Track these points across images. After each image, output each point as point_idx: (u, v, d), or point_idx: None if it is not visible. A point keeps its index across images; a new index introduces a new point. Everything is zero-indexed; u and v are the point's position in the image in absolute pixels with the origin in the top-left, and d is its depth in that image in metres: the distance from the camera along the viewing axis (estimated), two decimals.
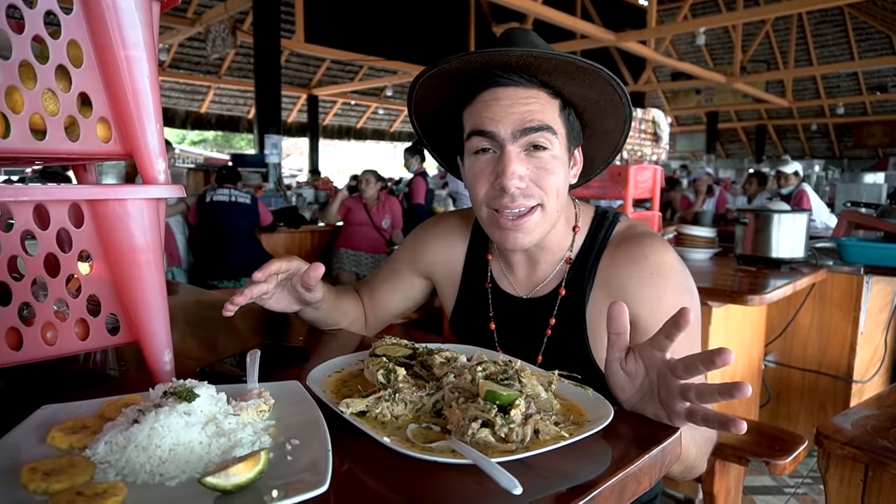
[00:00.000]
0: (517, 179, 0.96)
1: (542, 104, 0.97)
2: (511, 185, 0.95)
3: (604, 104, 1.02)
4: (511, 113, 0.95)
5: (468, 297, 1.21)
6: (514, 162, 0.95)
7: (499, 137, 0.96)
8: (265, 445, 0.62)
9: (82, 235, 0.79)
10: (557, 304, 1.09)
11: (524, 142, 0.96)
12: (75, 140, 0.78)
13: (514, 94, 0.96)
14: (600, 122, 1.07)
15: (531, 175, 0.97)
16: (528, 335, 1.11)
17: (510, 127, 0.95)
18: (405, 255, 1.30)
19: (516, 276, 1.15)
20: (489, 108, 0.97)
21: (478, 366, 0.74)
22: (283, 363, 0.95)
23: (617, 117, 1.05)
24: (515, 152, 0.96)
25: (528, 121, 0.95)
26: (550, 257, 1.11)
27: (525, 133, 0.95)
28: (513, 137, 0.96)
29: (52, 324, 0.79)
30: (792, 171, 5.53)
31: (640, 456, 0.66)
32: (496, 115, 0.96)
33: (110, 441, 0.58)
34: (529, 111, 0.95)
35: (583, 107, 1.03)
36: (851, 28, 15.31)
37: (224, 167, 5.25)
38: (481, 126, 0.97)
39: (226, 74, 14.32)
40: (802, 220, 2.64)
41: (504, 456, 0.60)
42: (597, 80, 0.97)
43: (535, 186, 0.98)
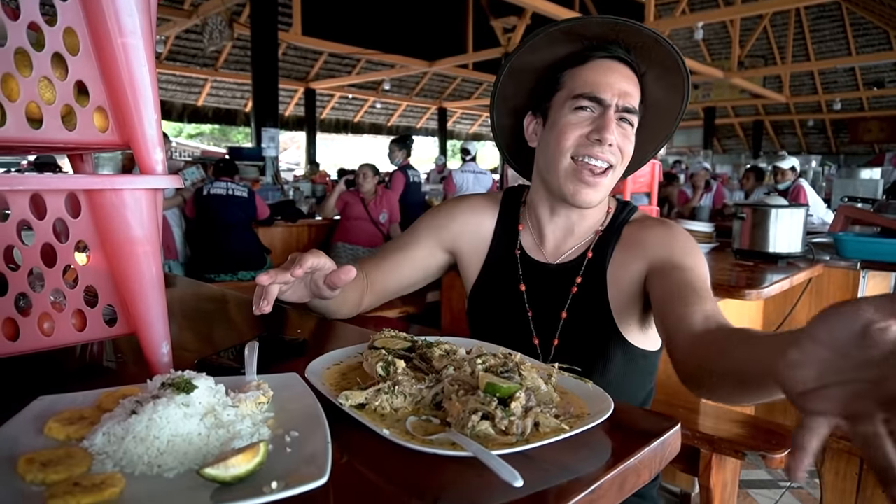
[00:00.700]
0: (613, 136, 1.08)
1: (636, 91, 1.12)
2: (609, 138, 1.07)
3: (664, 113, 1.21)
4: (620, 87, 1.08)
5: (496, 265, 1.27)
6: (614, 121, 1.09)
7: (606, 103, 1.08)
8: (264, 437, 0.61)
9: (79, 226, 0.78)
10: (584, 265, 1.18)
11: (620, 114, 1.09)
12: (72, 129, 0.77)
13: (625, 72, 1.10)
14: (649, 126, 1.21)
15: (618, 139, 1.10)
16: (554, 294, 1.19)
17: (617, 99, 1.08)
18: (429, 226, 1.32)
19: (547, 247, 1.23)
20: (604, 75, 1.09)
21: (477, 358, 0.74)
22: (282, 355, 0.95)
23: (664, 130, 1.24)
24: (615, 117, 1.09)
25: (629, 99, 1.09)
26: (585, 227, 1.21)
27: (626, 110, 1.09)
28: (616, 108, 1.08)
29: (49, 314, 0.78)
30: (789, 166, 5.54)
31: (641, 448, 0.66)
32: (609, 84, 1.08)
33: (108, 432, 0.57)
34: (630, 92, 1.10)
35: (647, 106, 1.18)
36: (849, 23, 15.31)
37: (221, 160, 5.23)
38: (594, 91, 1.08)
39: (223, 67, 14.25)
40: (800, 215, 2.64)
41: (504, 448, 0.60)
42: (676, 87, 1.16)
43: (618, 149, 1.10)
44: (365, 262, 1.30)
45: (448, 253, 1.31)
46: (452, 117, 21.64)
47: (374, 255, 1.32)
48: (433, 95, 19.18)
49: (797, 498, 2.66)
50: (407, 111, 20.23)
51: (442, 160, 11.56)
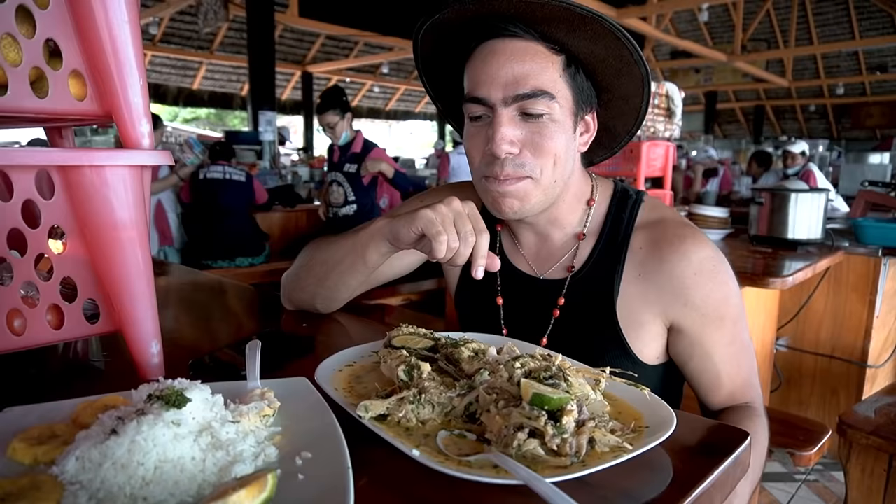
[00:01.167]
0: (507, 144, 0.88)
1: (540, 62, 0.88)
2: (501, 151, 0.87)
3: (614, 62, 0.91)
4: (504, 73, 0.87)
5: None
6: (504, 126, 0.88)
7: (490, 102, 0.89)
8: (271, 460, 0.52)
9: (53, 208, 0.68)
10: (567, 283, 1.01)
11: (517, 107, 0.88)
12: (43, 96, 0.66)
13: (510, 48, 0.88)
14: (615, 85, 0.96)
15: (525, 139, 0.89)
16: (535, 314, 1.03)
17: (501, 91, 0.87)
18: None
19: (527, 252, 1.07)
20: (482, 66, 0.89)
21: (515, 361, 0.64)
22: (287, 354, 0.85)
23: (633, 79, 0.94)
24: (508, 116, 0.88)
25: (521, 85, 0.87)
26: (562, 233, 1.03)
27: (518, 99, 0.87)
28: (504, 102, 0.88)
29: (20, 311, 0.68)
30: (799, 150, 5.42)
31: (712, 469, 0.56)
32: (489, 76, 0.88)
33: (82, 456, 0.47)
34: (524, 73, 0.87)
35: (592, 65, 0.92)
36: (853, 6, 15.07)
37: (218, 143, 5.08)
38: (473, 91, 0.90)
39: (218, 50, 14.00)
40: (821, 200, 2.55)
41: (558, 474, 0.50)
42: (601, 33, 0.87)
43: (528, 153, 0.89)
44: None
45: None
46: None
47: None
48: None
49: (813, 491, 2.59)
50: (405, 95, 20.00)
51: (441, 145, 11.43)
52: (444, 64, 1.00)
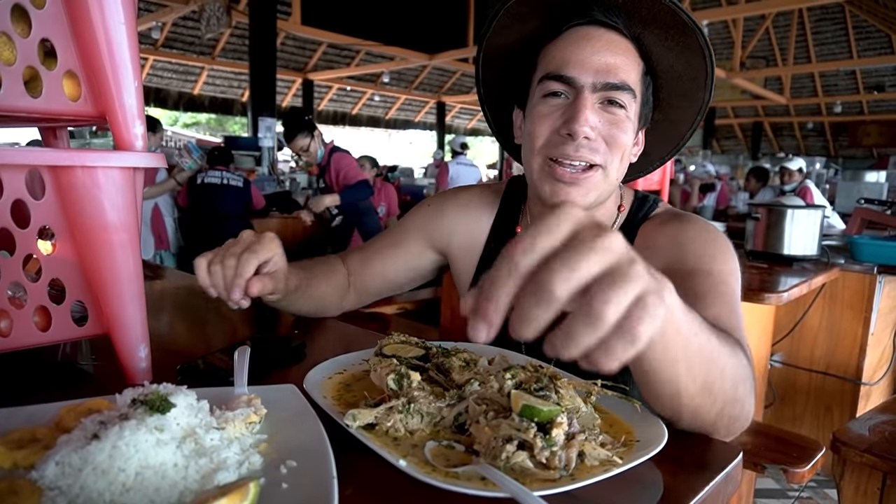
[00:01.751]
0: (588, 128, 0.86)
1: (629, 60, 0.88)
2: (581, 132, 0.86)
3: (687, 82, 0.93)
4: (597, 60, 0.86)
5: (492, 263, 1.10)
6: (588, 109, 0.86)
7: (577, 84, 0.87)
8: (255, 468, 0.51)
9: (43, 209, 0.67)
10: None
11: (602, 95, 0.87)
12: (37, 96, 0.66)
13: (605, 38, 0.87)
14: (674, 106, 0.97)
15: (602, 129, 0.88)
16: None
17: (592, 76, 0.86)
18: (417, 223, 1.17)
19: None
20: (576, 48, 0.87)
21: (506, 372, 0.63)
22: (276, 361, 0.84)
23: (693, 104, 0.96)
24: (592, 101, 0.87)
25: (612, 75, 0.86)
26: None
27: (606, 88, 0.86)
28: (593, 87, 0.86)
29: (7, 312, 0.67)
30: (796, 167, 5.44)
31: (703, 485, 0.56)
32: (581, 59, 0.87)
33: (62, 461, 0.46)
34: (616, 64, 0.86)
35: (664, 80, 0.94)
36: (851, 26, 15.22)
37: (216, 148, 5.08)
38: (562, 69, 0.88)
39: (220, 55, 14.04)
40: (817, 216, 2.55)
41: (547, 487, 0.49)
42: (690, 48, 0.88)
43: (603, 142, 0.88)
44: (349, 259, 1.17)
45: (439, 253, 1.17)
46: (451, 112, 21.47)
47: (360, 250, 1.19)
48: (432, 89, 19.01)
49: None
50: (405, 104, 20.06)
51: (440, 154, 11.45)
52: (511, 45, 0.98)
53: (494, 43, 0.99)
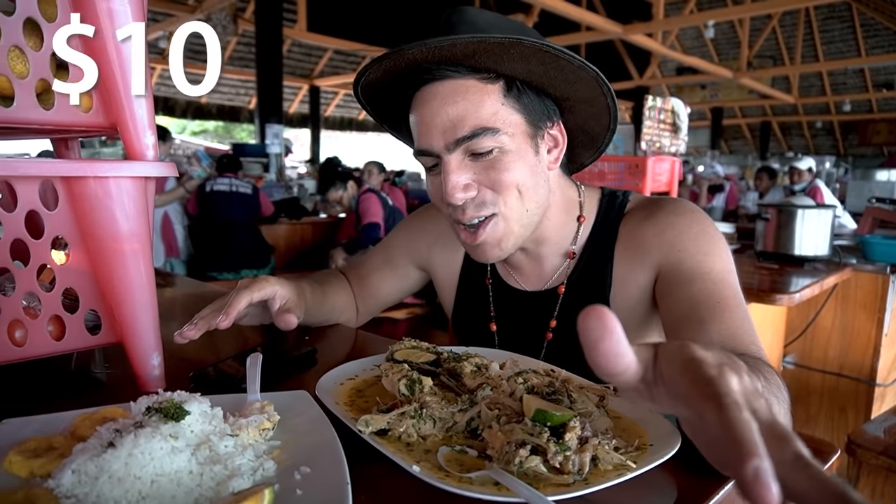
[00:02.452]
0: (461, 191, 0.84)
1: (474, 98, 0.82)
2: (456, 199, 0.84)
3: (556, 73, 0.84)
4: (440, 121, 0.83)
5: (468, 295, 1.10)
6: (452, 173, 0.83)
7: (434, 152, 0.85)
8: (269, 475, 0.51)
9: (56, 219, 0.68)
10: (558, 304, 0.98)
11: (462, 150, 0.84)
12: (49, 108, 0.67)
13: (440, 91, 0.83)
14: (570, 91, 0.89)
15: (480, 178, 0.84)
16: (529, 337, 1.00)
17: (442, 139, 0.83)
18: (400, 243, 1.18)
19: (522, 274, 1.04)
20: (419, 119, 0.86)
21: (518, 377, 0.63)
22: (289, 368, 0.84)
23: (586, 82, 0.86)
24: (456, 161, 0.84)
25: (459, 128, 0.82)
26: (555, 250, 0.99)
27: (459, 143, 0.83)
28: (447, 150, 0.84)
29: (21, 321, 0.68)
30: (806, 167, 5.41)
31: (716, 490, 0.55)
32: (427, 127, 0.84)
33: (78, 470, 0.47)
34: (459, 115, 0.82)
35: (536, 81, 0.86)
36: (859, 24, 15.12)
37: (225, 156, 5.12)
38: (417, 143, 0.87)
39: (227, 64, 14.12)
40: (827, 216, 2.53)
41: (560, 492, 0.49)
42: (528, 53, 0.80)
43: (487, 190, 0.85)
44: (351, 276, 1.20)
45: (422, 270, 1.17)
46: None
47: (359, 268, 1.21)
48: None
49: None
50: None
51: None
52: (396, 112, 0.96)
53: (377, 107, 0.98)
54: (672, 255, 0.88)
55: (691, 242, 0.88)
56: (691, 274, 0.85)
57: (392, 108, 0.96)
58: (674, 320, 0.84)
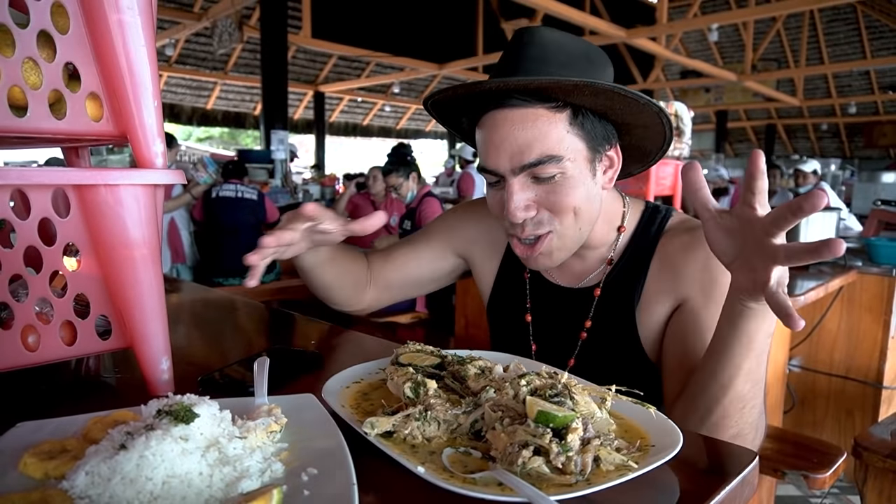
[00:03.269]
0: (522, 211, 0.90)
1: (542, 126, 0.86)
2: (516, 219, 0.90)
3: (622, 107, 0.89)
4: (508, 146, 0.87)
5: (505, 287, 1.15)
6: (515, 195, 0.89)
7: (499, 173, 0.90)
8: (277, 476, 0.52)
9: (68, 226, 0.69)
10: (594, 305, 1.03)
11: (526, 174, 0.89)
12: (61, 118, 0.68)
13: (510, 117, 0.87)
14: (631, 120, 0.94)
15: (540, 200, 0.90)
16: (563, 333, 1.05)
17: (508, 162, 0.88)
18: (441, 228, 1.22)
19: (561, 271, 1.08)
20: (487, 141, 0.90)
21: (520, 379, 0.64)
22: (295, 371, 0.86)
23: (646, 115, 0.91)
24: (519, 184, 0.89)
25: (526, 155, 0.87)
26: (595, 254, 1.05)
27: (524, 168, 0.88)
28: (513, 173, 0.89)
29: (34, 327, 0.69)
30: (811, 169, 5.40)
31: (718, 489, 0.56)
32: (495, 149, 0.89)
33: (92, 471, 0.48)
34: (527, 141, 0.86)
35: (601, 110, 0.91)
36: (864, 26, 15.09)
37: (230, 162, 5.15)
38: (483, 162, 0.93)
39: (232, 70, 14.22)
40: (832, 219, 2.53)
41: (563, 491, 0.50)
42: (599, 90, 0.85)
43: (545, 211, 0.91)
44: (372, 255, 1.22)
45: (460, 258, 1.21)
46: None
47: (385, 249, 1.23)
48: None
49: None
50: (416, 114, 20.16)
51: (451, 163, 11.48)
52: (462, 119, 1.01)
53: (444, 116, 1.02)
54: (699, 298, 0.93)
55: (719, 294, 0.88)
56: (707, 326, 0.90)
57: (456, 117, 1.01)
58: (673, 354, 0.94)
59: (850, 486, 2.70)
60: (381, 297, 1.22)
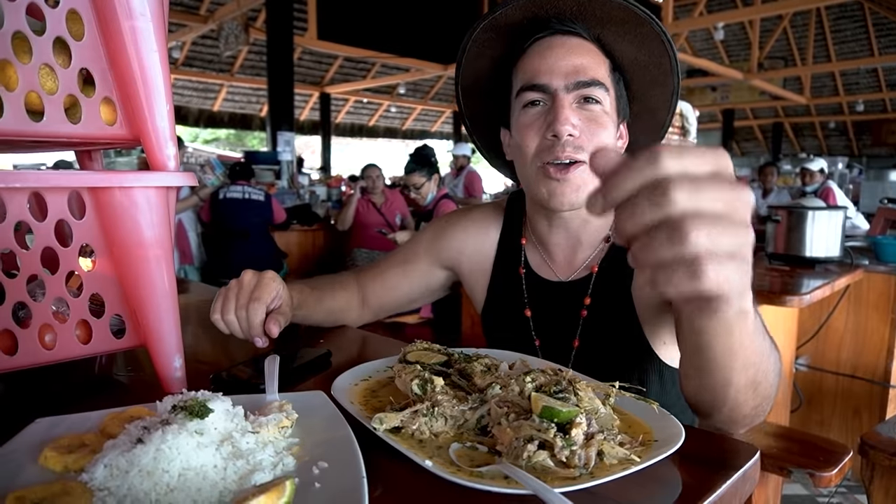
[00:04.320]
0: (570, 126, 0.91)
1: (595, 59, 0.95)
2: (563, 130, 0.90)
3: (653, 69, 0.98)
4: (565, 64, 0.92)
5: (500, 286, 1.15)
6: (566, 108, 0.91)
7: (551, 89, 0.93)
8: (289, 469, 0.53)
9: (84, 228, 0.71)
10: (592, 282, 1.03)
11: (577, 94, 0.93)
12: (76, 122, 0.70)
13: (567, 44, 0.94)
14: (647, 96, 1.02)
15: (582, 127, 0.93)
16: (564, 318, 1.05)
17: (563, 79, 0.92)
18: (426, 244, 1.22)
19: (556, 261, 1.08)
20: (542, 59, 0.94)
21: (526, 376, 0.65)
22: (304, 370, 0.87)
23: (664, 90, 1.01)
24: (568, 101, 0.92)
25: (582, 73, 0.92)
26: (593, 236, 1.05)
27: (578, 86, 0.92)
28: (566, 89, 0.92)
29: (51, 326, 0.71)
30: (818, 168, 5.39)
31: (719, 483, 0.57)
32: (549, 66, 0.93)
33: (110, 464, 0.50)
34: (583, 64, 0.93)
35: (632, 72, 1.00)
36: (871, 23, 15.01)
37: (237, 163, 5.18)
38: (534, 79, 0.94)
39: (238, 72, 14.30)
40: (838, 217, 2.53)
41: (566, 484, 0.51)
42: (649, 37, 0.94)
43: (586, 139, 0.92)
44: (363, 275, 1.23)
45: (448, 270, 1.21)
46: None
47: (374, 268, 1.24)
48: (448, 99, 19.11)
49: None
50: (421, 115, 20.20)
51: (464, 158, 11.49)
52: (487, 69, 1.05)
53: (469, 74, 1.06)
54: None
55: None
56: None
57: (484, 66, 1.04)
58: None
59: (858, 486, 2.70)
60: (379, 314, 1.25)
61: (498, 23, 0.97)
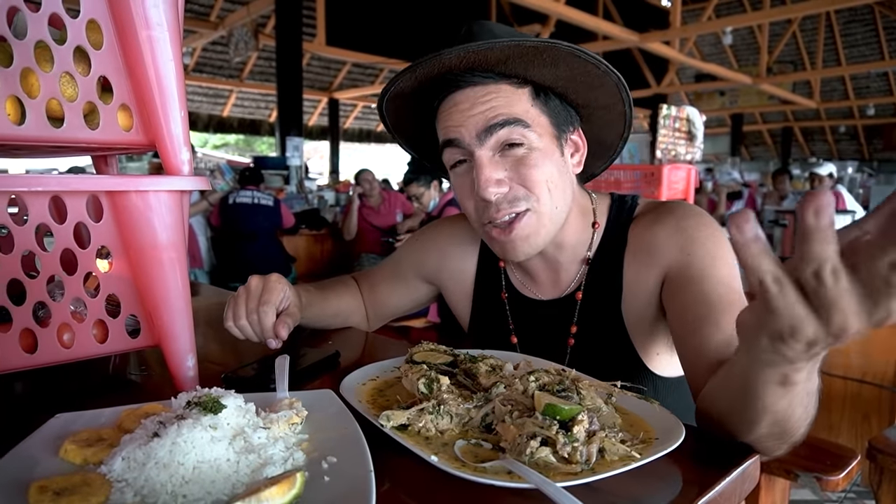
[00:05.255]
0: (494, 185, 0.87)
1: (506, 97, 0.87)
2: (489, 194, 0.86)
3: (583, 78, 0.90)
4: (471, 115, 0.87)
5: (484, 311, 1.12)
6: (485, 167, 0.86)
7: (464, 143, 0.88)
8: (299, 463, 0.55)
9: (101, 230, 0.73)
10: (577, 309, 1.00)
11: (493, 142, 0.87)
12: (95, 128, 0.72)
13: (471, 95, 0.87)
14: (591, 98, 0.94)
15: (511, 175, 0.88)
16: (551, 345, 1.02)
17: (473, 129, 0.87)
18: (409, 258, 1.21)
19: (538, 284, 1.06)
20: (449, 116, 0.89)
21: (530, 375, 0.67)
22: (313, 369, 0.89)
23: (607, 88, 0.92)
24: (487, 156, 0.87)
25: (490, 118, 0.86)
26: (572, 256, 1.01)
27: (490, 132, 0.86)
28: (479, 140, 0.87)
29: (69, 325, 0.73)
30: (826, 172, 5.37)
31: (719, 480, 0.58)
32: (457, 122, 0.88)
33: (128, 457, 0.52)
34: (491, 108, 0.86)
35: (561, 87, 0.91)
36: (882, 27, 14.93)
37: (247, 168, 5.24)
38: (445, 136, 0.90)
39: (248, 78, 14.41)
40: (846, 221, 2.52)
41: (568, 479, 0.53)
42: (559, 57, 0.85)
43: (519, 187, 0.88)
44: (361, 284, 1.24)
45: (432, 285, 1.20)
46: None
47: (369, 277, 1.25)
48: None
49: None
50: None
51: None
52: (416, 128, 1.01)
53: (401, 133, 1.04)
54: (681, 258, 0.89)
55: (699, 246, 0.89)
56: (699, 277, 0.86)
57: (411, 122, 1.01)
58: (680, 322, 0.87)
59: (866, 490, 2.68)
60: (381, 319, 1.26)
61: (402, 91, 0.92)
